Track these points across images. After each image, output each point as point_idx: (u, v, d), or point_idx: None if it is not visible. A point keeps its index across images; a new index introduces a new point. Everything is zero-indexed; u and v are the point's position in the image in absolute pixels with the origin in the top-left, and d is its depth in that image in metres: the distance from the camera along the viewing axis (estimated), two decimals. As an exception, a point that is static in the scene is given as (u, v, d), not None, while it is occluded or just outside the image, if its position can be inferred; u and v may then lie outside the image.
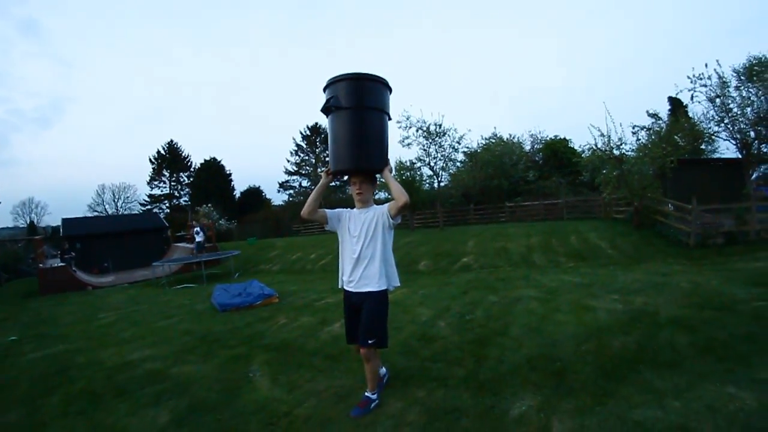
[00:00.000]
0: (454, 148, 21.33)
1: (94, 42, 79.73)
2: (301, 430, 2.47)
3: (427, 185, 22.11)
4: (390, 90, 2.63)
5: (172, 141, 47.31)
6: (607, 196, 12.12)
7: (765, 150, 15.26)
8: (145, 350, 4.62)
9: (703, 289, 5.06)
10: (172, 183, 46.60)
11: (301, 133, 45.64)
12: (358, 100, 2.42)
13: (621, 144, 12.06)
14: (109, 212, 44.78)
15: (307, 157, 45.50)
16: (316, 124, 45.27)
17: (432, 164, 21.16)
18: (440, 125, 20.43)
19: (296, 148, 45.62)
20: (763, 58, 14.53)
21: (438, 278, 8.50)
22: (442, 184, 21.27)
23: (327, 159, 44.25)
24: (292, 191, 45.31)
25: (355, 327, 2.59)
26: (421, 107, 44.82)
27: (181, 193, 46.71)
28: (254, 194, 44.80)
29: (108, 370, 4.07)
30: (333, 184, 20.87)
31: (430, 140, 20.53)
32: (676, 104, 24.84)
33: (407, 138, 20.37)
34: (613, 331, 3.75)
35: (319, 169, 44.71)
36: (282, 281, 10.32)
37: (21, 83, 69.72)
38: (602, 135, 12.37)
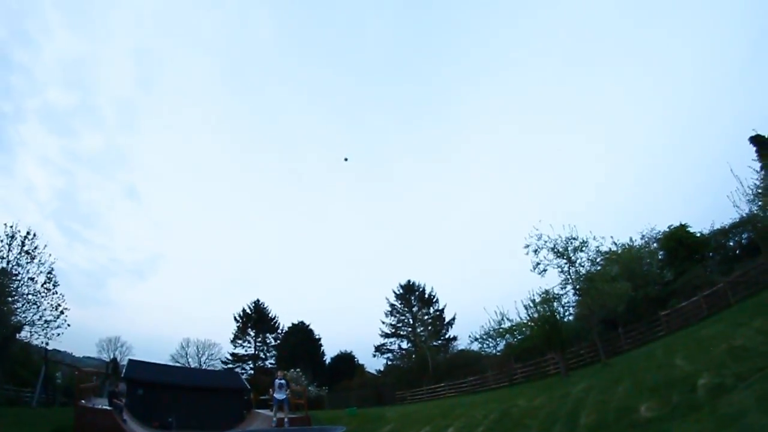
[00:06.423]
0: (593, 262, 17.44)
1: (185, 207, 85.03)
2: None
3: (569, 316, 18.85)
4: None
5: (258, 300, 45.37)
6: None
7: None
8: None
9: None
10: (258, 343, 43.66)
11: (394, 292, 42.61)
12: None
13: None
14: (192, 366, 40.34)
15: (404, 317, 42.27)
16: (409, 281, 42.76)
17: (576, 287, 17.27)
18: (575, 238, 16.65)
19: (390, 309, 42.50)
20: None
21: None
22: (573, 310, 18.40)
23: (426, 318, 39.29)
24: (389, 354, 41.85)
25: None
26: (550, 222, 39.74)
27: (267, 354, 43.45)
28: (346, 360, 41.85)
29: None
30: None
31: (566, 259, 16.81)
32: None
33: (539, 264, 16.95)
34: None
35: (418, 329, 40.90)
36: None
37: (122, 237, 79.05)
38: None
